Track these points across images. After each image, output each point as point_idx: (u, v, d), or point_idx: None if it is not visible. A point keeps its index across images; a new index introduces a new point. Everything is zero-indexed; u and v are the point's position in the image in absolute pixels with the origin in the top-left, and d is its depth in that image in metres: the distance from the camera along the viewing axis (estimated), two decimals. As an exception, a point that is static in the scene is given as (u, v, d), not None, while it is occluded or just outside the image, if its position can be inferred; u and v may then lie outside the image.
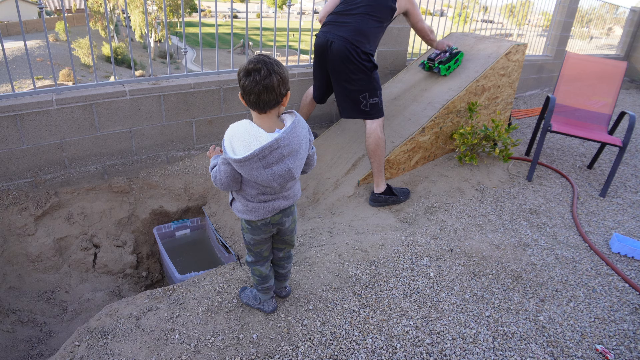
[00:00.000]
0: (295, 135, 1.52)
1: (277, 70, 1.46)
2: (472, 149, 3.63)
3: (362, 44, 2.92)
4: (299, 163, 1.56)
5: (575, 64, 4.07)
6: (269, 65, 1.46)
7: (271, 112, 1.55)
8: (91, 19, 30.55)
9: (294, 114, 1.59)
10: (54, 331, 2.51)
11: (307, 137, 1.60)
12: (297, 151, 1.53)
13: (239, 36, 32.78)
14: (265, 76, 1.45)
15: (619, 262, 2.59)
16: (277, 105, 1.53)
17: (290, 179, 1.54)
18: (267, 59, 1.47)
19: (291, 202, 1.72)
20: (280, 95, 1.51)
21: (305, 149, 1.58)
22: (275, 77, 1.46)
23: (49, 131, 3.00)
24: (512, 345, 1.90)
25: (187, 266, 3.31)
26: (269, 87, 1.46)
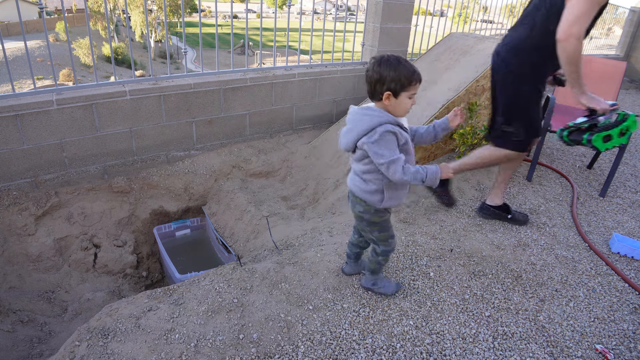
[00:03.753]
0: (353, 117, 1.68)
1: (378, 69, 1.59)
2: (472, 149, 3.63)
3: None
4: (345, 138, 1.70)
5: (575, 64, 4.06)
6: (377, 63, 1.59)
7: (377, 103, 1.68)
8: (91, 19, 30.55)
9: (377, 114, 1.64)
10: (54, 331, 2.51)
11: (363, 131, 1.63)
12: (348, 128, 1.69)
13: (239, 36, 32.78)
14: (368, 69, 1.62)
15: (619, 262, 2.59)
16: (374, 99, 1.67)
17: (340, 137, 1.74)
18: (385, 58, 1.59)
19: (349, 182, 1.85)
20: (377, 92, 1.63)
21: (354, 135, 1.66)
22: (375, 74, 1.60)
23: (49, 131, 3.00)
24: (512, 345, 1.90)
25: (187, 266, 3.31)
26: (367, 78, 1.64)
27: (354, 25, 4.57)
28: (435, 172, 1.64)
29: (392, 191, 1.76)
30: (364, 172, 1.75)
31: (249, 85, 3.79)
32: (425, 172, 1.63)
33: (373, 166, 1.69)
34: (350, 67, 4.40)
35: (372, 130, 1.61)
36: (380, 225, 1.88)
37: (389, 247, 1.94)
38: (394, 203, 1.80)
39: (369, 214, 1.83)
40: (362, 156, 1.71)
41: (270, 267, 2.26)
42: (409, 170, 1.62)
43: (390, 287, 2.10)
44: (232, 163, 3.77)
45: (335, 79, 4.30)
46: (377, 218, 1.85)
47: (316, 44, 17.56)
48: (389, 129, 1.60)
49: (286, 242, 2.73)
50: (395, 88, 1.59)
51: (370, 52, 4.52)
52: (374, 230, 1.89)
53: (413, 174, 1.62)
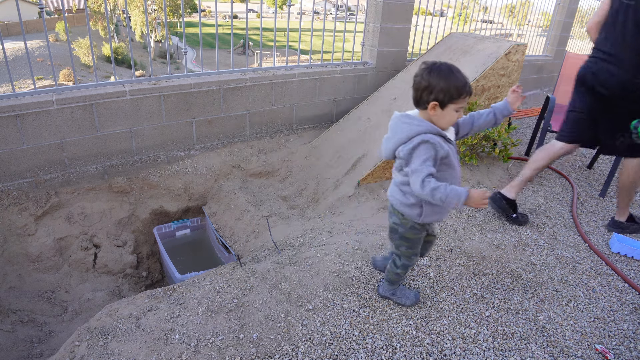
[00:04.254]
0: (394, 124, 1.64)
1: (427, 77, 1.53)
2: (472, 149, 3.64)
3: None
4: (387, 143, 1.65)
5: (575, 64, 4.06)
6: (427, 70, 1.54)
7: (421, 112, 1.62)
8: (91, 19, 30.55)
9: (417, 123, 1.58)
10: (54, 331, 2.51)
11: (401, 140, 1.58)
12: (388, 135, 1.65)
13: (239, 36, 32.77)
14: (417, 75, 1.57)
15: (619, 262, 2.59)
16: (419, 106, 1.62)
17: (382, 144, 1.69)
18: (437, 66, 1.53)
19: (388, 192, 1.78)
20: (423, 100, 1.57)
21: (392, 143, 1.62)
22: (424, 82, 1.54)
23: (49, 131, 3.00)
24: (512, 345, 1.90)
25: (187, 266, 3.31)
26: (415, 84, 1.59)
27: (354, 25, 4.57)
28: (458, 196, 1.46)
29: (433, 206, 1.65)
30: (402, 184, 1.67)
31: (249, 85, 3.79)
32: (445, 194, 1.47)
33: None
34: (350, 67, 4.41)
35: (409, 139, 1.55)
36: (411, 242, 1.81)
37: (411, 262, 1.89)
38: (434, 219, 1.70)
39: (404, 229, 1.75)
40: (401, 166, 1.64)
41: (270, 267, 2.26)
42: (429, 185, 1.49)
43: (409, 298, 2.04)
44: (232, 163, 3.77)
45: (335, 79, 4.30)
46: (410, 234, 1.77)
47: (316, 44, 17.56)
48: (426, 139, 1.52)
49: (286, 242, 2.73)
50: (443, 99, 1.52)
51: (370, 52, 4.52)
52: (402, 245, 1.83)
53: (431, 191, 1.48)
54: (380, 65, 4.54)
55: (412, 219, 1.70)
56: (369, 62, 4.54)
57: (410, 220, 1.72)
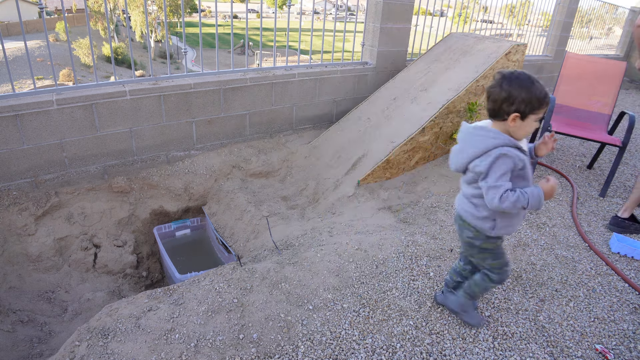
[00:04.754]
0: (465, 136, 1.59)
1: (507, 88, 1.48)
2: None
3: None
4: (456, 158, 1.62)
5: (575, 64, 4.07)
6: (506, 81, 1.49)
7: (496, 123, 1.57)
8: (91, 19, 30.55)
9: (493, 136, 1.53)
10: (54, 331, 2.51)
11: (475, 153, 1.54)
12: (459, 148, 1.61)
13: (239, 36, 32.75)
14: (493, 85, 1.51)
15: (619, 262, 2.59)
16: (498, 119, 1.55)
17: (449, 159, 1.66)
18: (515, 75, 1.49)
19: (457, 204, 1.74)
20: (502, 112, 1.51)
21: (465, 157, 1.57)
22: (503, 93, 1.48)
23: (49, 131, 3.00)
24: (512, 345, 1.90)
25: (187, 266, 3.31)
26: (491, 97, 1.52)
27: (354, 25, 4.57)
28: (538, 198, 1.50)
29: (506, 219, 1.62)
30: (474, 196, 1.63)
31: (249, 85, 3.79)
32: (526, 199, 1.48)
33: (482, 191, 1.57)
34: (350, 67, 4.40)
35: (486, 152, 1.50)
36: (493, 252, 1.73)
37: (505, 275, 1.78)
38: (507, 231, 1.66)
39: (480, 240, 1.70)
40: (474, 179, 1.59)
41: (270, 267, 2.26)
42: (508, 198, 1.48)
43: (477, 319, 1.96)
44: (232, 163, 3.77)
45: (335, 79, 4.30)
46: (488, 244, 1.70)
47: (316, 44, 17.56)
48: (505, 152, 1.48)
49: (286, 242, 2.73)
50: (524, 110, 1.47)
51: (370, 52, 4.52)
52: (486, 258, 1.75)
53: (513, 203, 1.48)
54: (380, 65, 4.54)
55: (485, 232, 1.66)
56: (369, 62, 4.54)
57: (483, 233, 1.67)
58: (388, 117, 3.80)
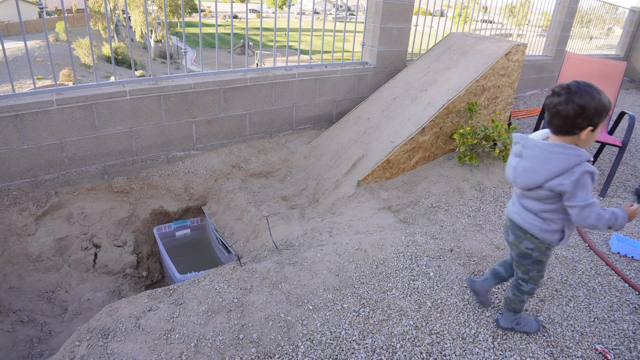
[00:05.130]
0: (539, 154, 1.53)
1: (578, 101, 1.43)
2: (472, 149, 3.64)
3: None
4: (527, 176, 1.57)
5: (575, 64, 4.07)
6: (573, 94, 1.44)
7: (563, 137, 1.53)
8: (91, 19, 30.54)
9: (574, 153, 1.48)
10: (54, 331, 2.51)
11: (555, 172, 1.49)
12: (532, 166, 1.55)
13: (239, 36, 32.75)
14: (561, 102, 1.46)
15: (619, 262, 2.59)
16: (569, 135, 1.51)
17: (510, 176, 1.64)
18: (578, 88, 1.44)
19: (516, 217, 1.70)
20: (575, 126, 1.47)
21: (542, 176, 1.52)
22: (575, 107, 1.44)
23: (49, 131, 3.00)
24: (512, 345, 1.90)
25: (187, 266, 3.32)
26: (562, 114, 1.47)
27: (354, 25, 4.57)
28: (624, 218, 1.51)
29: (571, 230, 1.66)
30: (544, 211, 1.61)
31: (249, 85, 3.79)
32: (617, 220, 1.49)
33: (557, 205, 1.56)
34: (350, 67, 4.40)
35: (568, 170, 1.46)
36: (543, 265, 1.76)
37: (537, 286, 1.84)
38: (569, 240, 1.74)
39: (539, 252, 1.70)
40: (548, 196, 1.56)
41: (270, 267, 2.26)
42: (603, 217, 1.48)
43: (533, 324, 1.96)
44: (232, 163, 3.77)
45: (335, 79, 4.30)
46: (544, 257, 1.73)
47: (316, 44, 17.55)
48: (588, 170, 1.45)
49: (286, 242, 2.73)
50: (597, 121, 1.45)
51: (370, 52, 4.52)
52: (534, 269, 1.76)
53: (607, 222, 1.48)
54: (380, 65, 4.54)
55: (551, 244, 1.67)
56: (369, 62, 4.54)
57: (546, 244, 1.68)
58: (388, 117, 3.80)
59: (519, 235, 1.71)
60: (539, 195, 1.59)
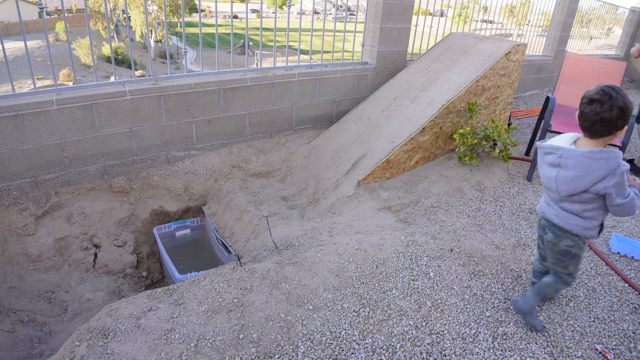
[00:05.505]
0: (581, 162, 1.61)
1: (620, 105, 1.51)
2: (472, 149, 3.64)
3: None
4: (573, 184, 1.65)
5: (575, 64, 4.07)
6: (614, 100, 1.52)
7: (597, 140, 1.63)
8: (91, 19, 30.54)
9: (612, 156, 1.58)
10: (54, 331, 2.51)
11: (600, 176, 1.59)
12: (577, 174, 1.63)
13: (239, 36, 32.75)
14: (606, 110, 1.53)
15: (619, 262, 2.59)
16: (607, 136, 1.61)
17: (552, 186, 1.72)
18: (615, 92, 1.52)
19: (555, 218, 1.78)
20: (615, 128, 1.57)
21: (588, 182, 1.61)
22: (616, 112, 1.52)
23: (49, 131, 3.00)
24: (512, 345, 1.90)
25: (187, 266, 3.32)
26: (606, 120, 1.54)
27: (354, 25, 4.57)
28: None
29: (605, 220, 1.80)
30: (585, 211, 1.70)
31: (249, 85, 3.79)
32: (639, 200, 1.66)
33: (597, 204, 1.67)
34: (350, 67, 4.40)
35: (611, 172, 1.57)
36: (580, 258, 1.86)
37: (575, 279, 1.95)
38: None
39: (578, 248, 1.80)
40: (591, 198, 1.66)
41: (270, 267, 2.26)
42: (636, 204, 1.62)
43: (539, 324, 2.00)
44: (232, 163, 3.77)
45: (335, 79, 4.30)
46: (581, 252, 1.83)
47: (316, 44, 17.56)
48: (625, 168, 1.57)
49: (286, 242, 2.73)
50: (629, 119, 1.57)
51: (370, 52, 4.52)
52: (572, 264, 1.87)
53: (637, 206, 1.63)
54: (380, 65, 4.54)
55: (592, 238, 1.78)
56: (369, 62, 4.54)
57: (584, 239, 1.79)
58: (388, 117, 3.80)
59: (559, 234, 1.80)
60: (582, 199, 1.68)
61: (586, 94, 1.59)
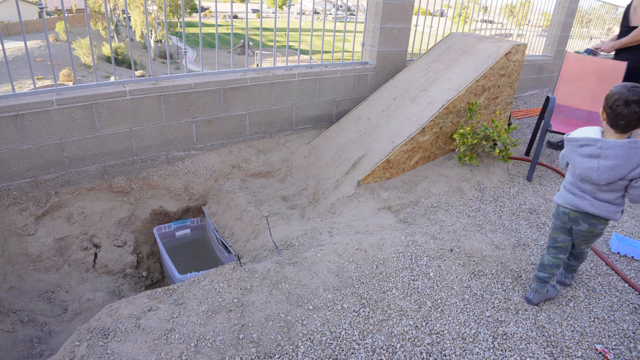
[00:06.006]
0: (621, 152, 1.75)
1: None
2: (472, 149, 3.64)
3: None
4: (613, 172, 1.78)
5: (575, 64, 4.07)
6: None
7: (624, 133, 1.79)
8: (91, 19, 30.54)
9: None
10: (54, 331, 2.51)
11: (636, 163, 1.74)
12: (618, 163, 1.76)
13: (239, 36, 32.75)
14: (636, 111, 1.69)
15: (619, 262, 2.59)
16: (636, 128, 1.76)
17: (593, 175, 1.82)
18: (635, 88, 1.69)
19: (591, 209, 1.91)
20: None
21: (626, 170, 1.76)
22: None
23: (49, 131, 3.00)
24: (512, 345, 1.90)
25: (187, 266, 3.32)
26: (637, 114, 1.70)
27: (354, 25, 4.57)
28: None
29: None
30: (616, 199, 1.87)
31: (249, 85, 3.79)
32: None
33: (624, 191, 1.86)
34: (350, 67, 4.40)
35: None
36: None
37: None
38: None
39: (603, 227, 1.99)
40: (622, 187, 1.83)
41: (270, 267, 2.26)
42: None
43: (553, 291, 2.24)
44: (232, 163, 3.77)
45: (335, 79, 4.30)
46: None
47: (316, 44, 17.57)
48: None
49: (286, 242, 2.73)
50: None
51: (370, 52, 4.52)
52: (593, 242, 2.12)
53: None
54: (380, 65, 4.54)
55: (617, 220, 1.95)
56: (369, 62, 4.54)
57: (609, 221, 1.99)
58: (388, 117, 3.80)
59: (594, 223, 1.96)
60: (617, 187, 1.83)
61: (620, 96, 1.72)
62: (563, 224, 2.04)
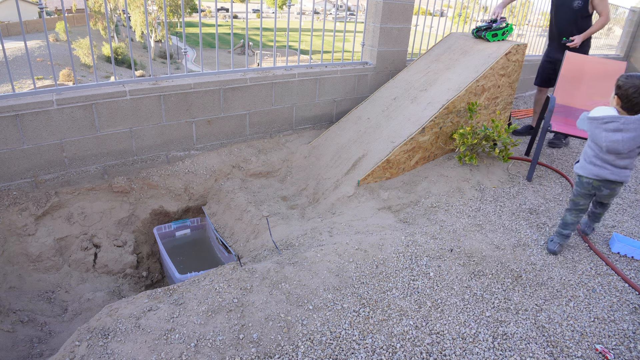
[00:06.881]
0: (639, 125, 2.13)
1: None
2: (472, 149, 3.64)
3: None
4: (632, 143, 2.17)
5: (575, 64, 4.07)
6: None
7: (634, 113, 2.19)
8: (91, 19, 30.54)
9: None
10: (54, 331, 2.51)
11: None
12: (636, 135, 2.15)
13: (239, 36, 32.76)
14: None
15: (619, 262, 2.59)
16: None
17: (618, 146, 2.19)
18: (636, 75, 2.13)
19: (611, 176, 2.31)
20: None
21: None
22: None
23: (49, 131, 3.00)
24: (511, 345, 1.90)
25: (187, 266, 3.32)
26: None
27: (354, 25, 4.57)
28: None
29: None
30: (630, 164, 2.28)
31: (249, 85, 3.79)
32: None
33: (635, 157, 2.26)
34: (350, 67, 4.40)
35: None
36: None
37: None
38: None
39: (620, 189, 2.41)
40: (636, 153, 2.22)
41: (270, 267, 2.26)
42: None
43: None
44: (232, 163, 3.77)
45: (335, 79, 4.30)
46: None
47: (316, 44, 17.56)
48: None
49: (286, 242, 2.73)
50: None
51: (370, 52, 4.52)
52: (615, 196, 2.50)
53: None
54: (380, 65, 4.54)
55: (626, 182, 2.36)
56: (369, 62, 4.54)
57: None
58: (388, 117, 3.80)
59: (614, 188, 2.37)
60: (632, 154, 2.23)
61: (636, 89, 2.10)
62: (587, 191, 2.43)
